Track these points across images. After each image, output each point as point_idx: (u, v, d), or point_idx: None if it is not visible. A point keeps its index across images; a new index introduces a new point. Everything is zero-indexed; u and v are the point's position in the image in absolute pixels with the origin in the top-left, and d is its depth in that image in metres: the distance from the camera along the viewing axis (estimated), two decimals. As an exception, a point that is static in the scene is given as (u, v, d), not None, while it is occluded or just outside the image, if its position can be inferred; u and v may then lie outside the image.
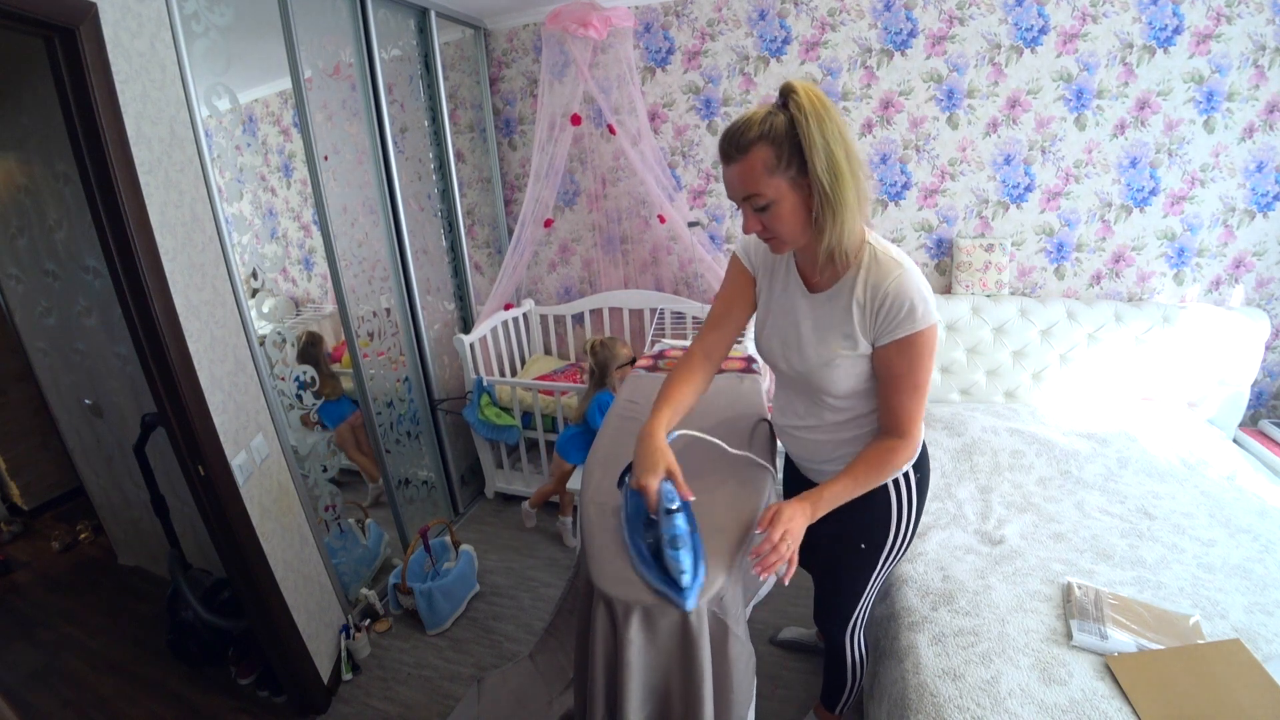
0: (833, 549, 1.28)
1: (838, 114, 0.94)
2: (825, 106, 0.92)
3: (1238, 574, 1.51)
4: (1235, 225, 2.28)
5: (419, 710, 1.91)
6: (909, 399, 1.04)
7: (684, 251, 2.93)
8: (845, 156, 0.92)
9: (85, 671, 2.18)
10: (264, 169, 3.52)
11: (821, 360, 1.10)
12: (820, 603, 1.45)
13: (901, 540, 1.24)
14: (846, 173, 0.93)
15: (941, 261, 2.65)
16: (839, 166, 0.92)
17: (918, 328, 0.98)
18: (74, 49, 1.24)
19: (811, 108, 0.90)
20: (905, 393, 1.04)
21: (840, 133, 0.92)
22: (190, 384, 1.51)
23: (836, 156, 0.91)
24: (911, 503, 1.21)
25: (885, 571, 1.29)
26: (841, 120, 0.93)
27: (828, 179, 0.92)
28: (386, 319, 2.47)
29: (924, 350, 1.01)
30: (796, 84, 0.92)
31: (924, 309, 0.98)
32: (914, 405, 1.05)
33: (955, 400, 2.60)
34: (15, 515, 3.18)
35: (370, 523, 2.59)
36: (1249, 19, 2.06)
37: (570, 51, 2.56)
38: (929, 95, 2.45)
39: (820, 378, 1.11)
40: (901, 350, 1.01)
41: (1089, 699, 1.18)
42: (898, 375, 1.03)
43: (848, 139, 0.94)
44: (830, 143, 0.91)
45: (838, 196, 0.93)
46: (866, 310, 1.02)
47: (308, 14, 1.99)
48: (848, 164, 0.93)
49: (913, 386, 1.03)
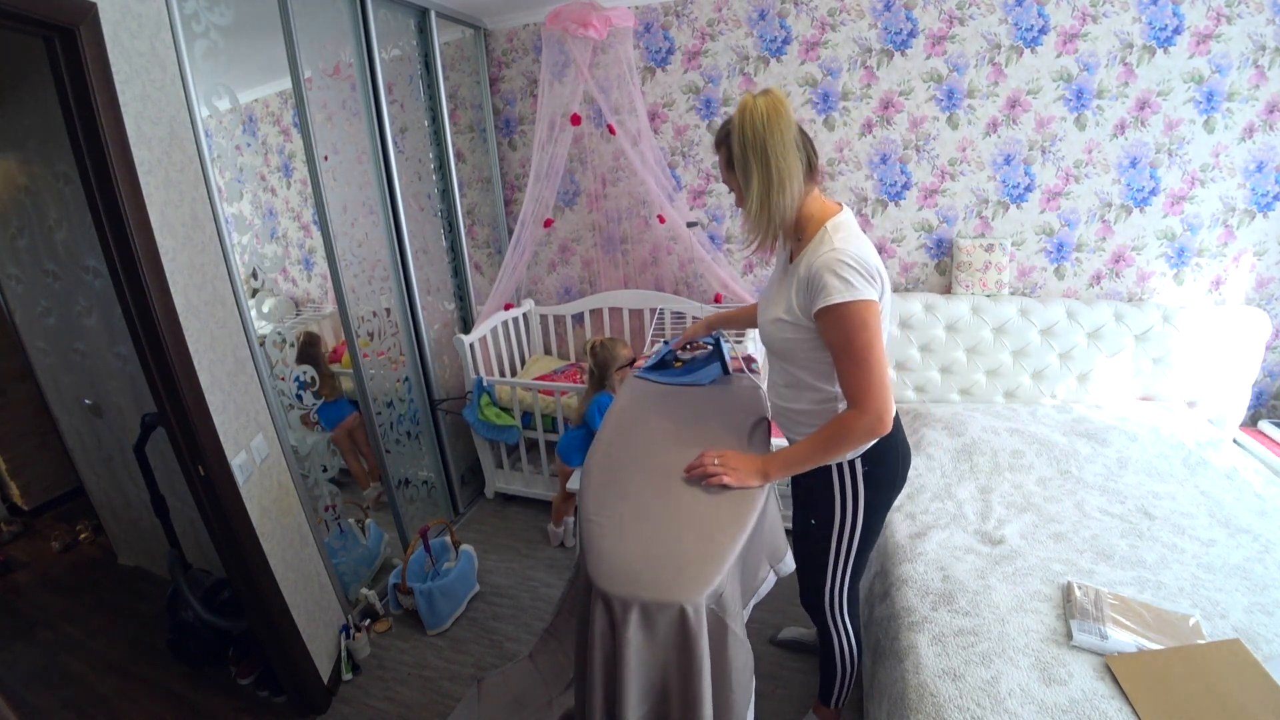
0: (797, 524, 1.41)
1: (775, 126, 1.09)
2: (754, 122, 1.09)
3: (1238, 574, 1.51)
4: (1235, 225, 2.28)
5: (419, 710, 1.91)
6: (854, 369, 1.12)
7: (684, 251, 2.93)
8: (760, 164, 1.11)
9: (85, 671, 2.18)
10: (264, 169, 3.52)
11: (766, 317, 1.29)
12: (799, 584, 1.50)
13: (849, 523, 1.31)
14: (755, 173, 1.12)
15: (941, 261, 2.65)
16: (749, 168, 1.13)
17: (832, 300, 1.09)
18: (74, 49, 1.25)
19: (740, 123, 1.11)
20: (847, 363, 1.13)
21: (762, 145, 1.10)
22: (190, 384, 1.51)
23: (748, 159, 1.12)
24: (855, 489, 1.28)
25: (848, 552, 1.35)
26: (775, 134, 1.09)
27: (741, 178, 1.16)
28: (386, 319, 2.47)
29: (851, 323, 1.09)
30: (747, 99, 1.11)
31: (841, 285, 1.08)
32: (860, 376, 1.12)
33: (955, 400, 2.60)
34: (15, 515, 3.18)
35: (370, 523, 2.59)
36: (1249, 19, 2.06)
37: (570, 51, 2.56)
38: (929, 95, 2.45)
39: (765, 333, 1.30)
40: (827, 322, 1.12)
41: (1089, 699, 1.18)
42: (836, 346, 1.14)
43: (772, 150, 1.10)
44: (746, 150, 1.12)
45: (746, 190, 1.16)
46: (801, 281, 1.16)
47: (308, 14, 1.99)
48: (759, 166, 1.12)
49: (853, 358, 1.11)
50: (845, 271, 1.08)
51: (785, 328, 1.22)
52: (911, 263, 2.69)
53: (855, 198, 2.67)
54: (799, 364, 1.26)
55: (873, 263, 1.11)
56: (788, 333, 1.22)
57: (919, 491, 1.97)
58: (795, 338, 1.22)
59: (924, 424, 2.33)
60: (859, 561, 1.38)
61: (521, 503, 2.98)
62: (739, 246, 2.90)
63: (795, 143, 1.12)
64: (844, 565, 1.37)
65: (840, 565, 1.37)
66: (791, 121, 1.11)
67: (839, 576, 1.39)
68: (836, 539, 1.33)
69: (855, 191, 2.66)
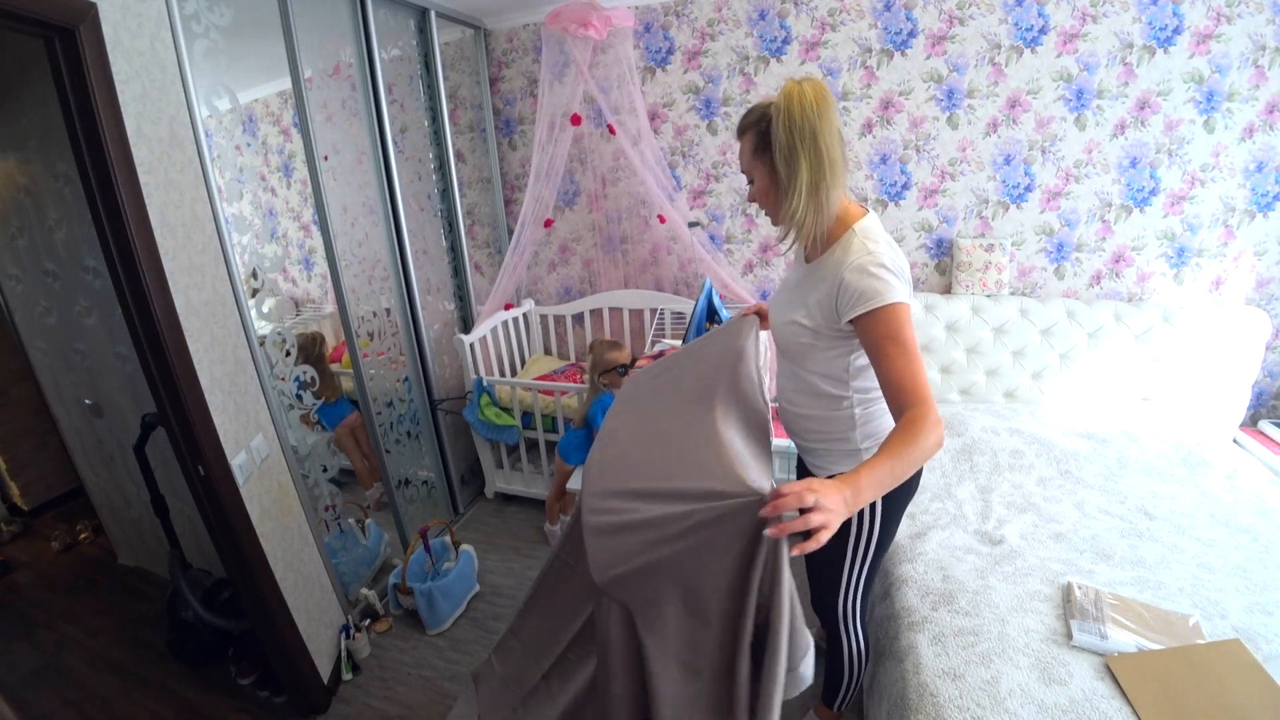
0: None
1: (826, 114, 1.03)
2: (803, 107, 1.02)
3: (1238, 574, 1.51)
4: (1235, 225, 2.28)
5: (419, 710, 1.91)
6: (908, 366, 1.01)
7: (684, 251, 2.93)
8: (807, 152, 1.04)
9: (85, 671, 2.18)
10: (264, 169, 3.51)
11: (783, 319, 1.24)
12: (811, 590, 1.49)
13: (866, 530, 1.27)
14: (803, 166, 1.05)
15: (941, 261, 2.65)
16: (795, 155, 1.05)
17: (876, 304, 1.03)
18: (74, 49, 1.24)
19: (787, 106, 1.03)
20: (901, 361, 1.01)
21: (813, 131, 1.03)
22: (190, 384, 1.51)
23: (794, 146, 1.04)
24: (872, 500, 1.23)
25: (863, 561, 1.32)
26: (826, 122, 1.03)
27: (783, 168, 1.07)
28: (386, 319, 2.47)
29: (898, 322, 1.03)
30: (791, 84, 1.04)
31: (883, 288, 1.03)
32: (910, 368, 1.00)
33: (955, 400, 2.60)
34: (15, 515, 3.18)
35: (370, 523, 2.59)
36: (1249, 19, 2.06)
37: (570, 51, 2.56)
38: (929, 95, 2.44)
39: (780, 335, 1.26)
40: (870, 324, 1.05)
41: (1089, 699, 1.18)
42: (881, 348, 1.03)
43: (822, 138, 1.03)
44: (794, 138, 1.04)
45: (790, 183, 1.07)
46: (829, 285, 1.10)
47: (308, 14, 1.99)
48: (807, 159, 1.05)
49: (907, 356, 1.01)
50: (884, 275, 1.04)
51: (802, 331, 1.19)
52: (911, 263, 2.69)
53: (855, 198, 2.66)
54: (811, 368, 1.23)
55: (902, 265, 1.10)
56: (804, 337, 1.19)
57: (919, 491, 1.95)
58: (811, 342, 1.19)
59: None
60: (873, 569, 1.36)
61: (521, 503, 2.98)
62: (739, 245, 2.90)
63: (839, 134, 1.07)
64: (859, 573, 1.35)
65: (855, 573, 1.35)
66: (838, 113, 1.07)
67: (854, 584, 1.37)
68: (853, 548, 1.31)
69: (855, 191, 2.66)
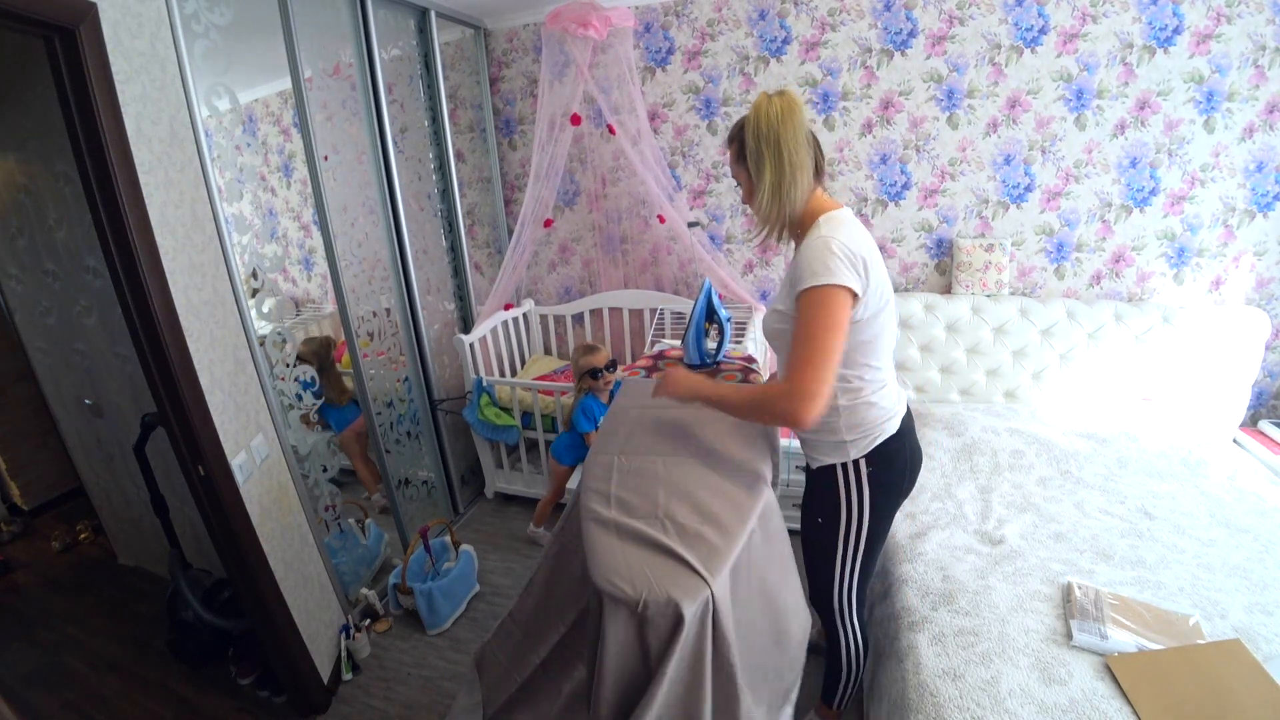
0: (804, 523, 1.42)
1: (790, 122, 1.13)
2: (769, 117, 1.14)
3: (1238, 574, 1.51)
4: (1235, 225, 2.28)
5: (419, 710, 1.91)
6: (798, 347, 1.10)
7: (684, 251, 2.93)
8: (772, 156, 1.16)
9: (85, 671, 2.18)
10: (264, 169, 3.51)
11: (769, 309, 1.31)
12: (809, 586, 1.49)
13: (854, 524, 1.31)
14: (768, 164, 1.17)
15: (941, 261, 2.65)
16: (761, 159, 1.17)
17: (804, 285, 1.10)
18: (74, 49, 1.24)
19: (755, 117, 1.16)
20: (802, 339, 1.10)
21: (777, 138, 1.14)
22: (190, 384, 1.51)
23: (761, 151, 1.17)
24: (860, 491, 1.28)
25: (854, 554, 1.34)
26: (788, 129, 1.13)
27: (754, 171, 1.20)
28: (386, 319, 2.47)
29: (814, 305, 1.09)
30: (762, 97, 1.16)
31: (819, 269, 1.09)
32: (799, 356, 1.09)
33: (955, 400, 2.60)
34: (15, 515, 3.18)
35: (370, 523, 2.59)
36: (1249, 19, 2.06)
37: (570, 51, 2.56)
38: (929, 95, 2.44)
39: (765, 325, 1.32)
40: (801, 300, 1.12)
41: (1089, 699, 1.18)
42: (800, 319, 1.12)
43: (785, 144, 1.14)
44: (761, 145, 1.16)
45: (758, 183, 1.19)
46: (791, 271, 1.20)
47: (308, 14, 1.99)
48: (771, 162, 1.16)
49: (800, 338, 1.10)
50: (826, 257, 1.09)
51: (778, 318, 1.25)
52: (911, 263, 2.69)
53: (855, 198, 2.66)
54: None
55: (861, 253, 1.11)
56: (778, 323, 1.25)
57: (919, 491, 1.97)
58: (783, 328, 1.23)
59: (924, 424, 2.33)
60: (867, 563, 1.37)
61: (521, 503, 2.98)
62: (739, 245, 2.90)
63: (806, 140, 1.17)
64: (851, 566, 1.37)
65: (848, 566, 1.37)
66: (804, 121, 1.15)
67: (847, 577, 1.39)
68: (843, 540, 1.33)
69: (855, 191, 2.66)
